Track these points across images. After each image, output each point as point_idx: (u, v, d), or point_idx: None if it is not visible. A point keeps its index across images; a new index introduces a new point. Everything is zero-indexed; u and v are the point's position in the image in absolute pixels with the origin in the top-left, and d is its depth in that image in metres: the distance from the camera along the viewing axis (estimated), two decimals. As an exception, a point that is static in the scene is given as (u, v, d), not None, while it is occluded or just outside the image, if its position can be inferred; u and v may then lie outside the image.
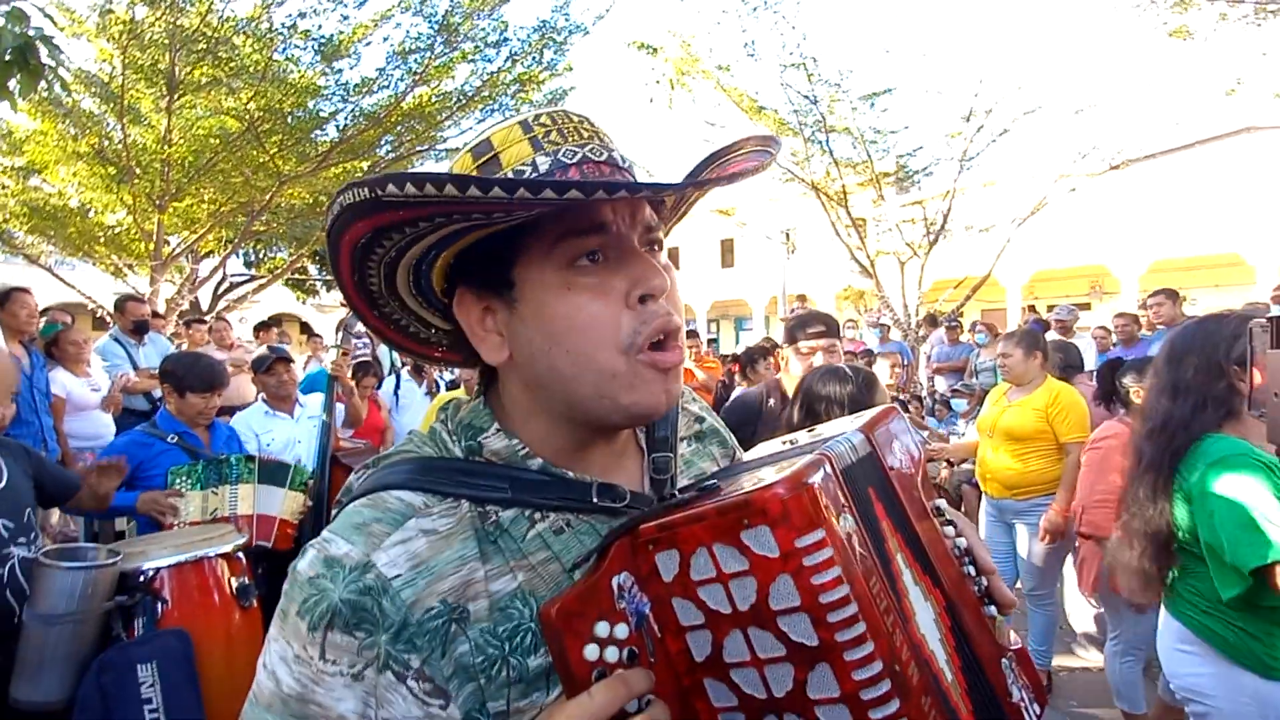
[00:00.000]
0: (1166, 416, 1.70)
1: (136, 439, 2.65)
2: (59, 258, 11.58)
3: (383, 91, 9.75)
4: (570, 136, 0.61)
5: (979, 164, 11.97)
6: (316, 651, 0.53)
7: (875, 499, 0.61)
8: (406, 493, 0.60)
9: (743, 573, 0.50)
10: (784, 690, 0.50)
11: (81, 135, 8.85)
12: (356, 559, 0.55)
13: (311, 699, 0.53)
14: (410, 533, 0.57)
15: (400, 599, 0.54)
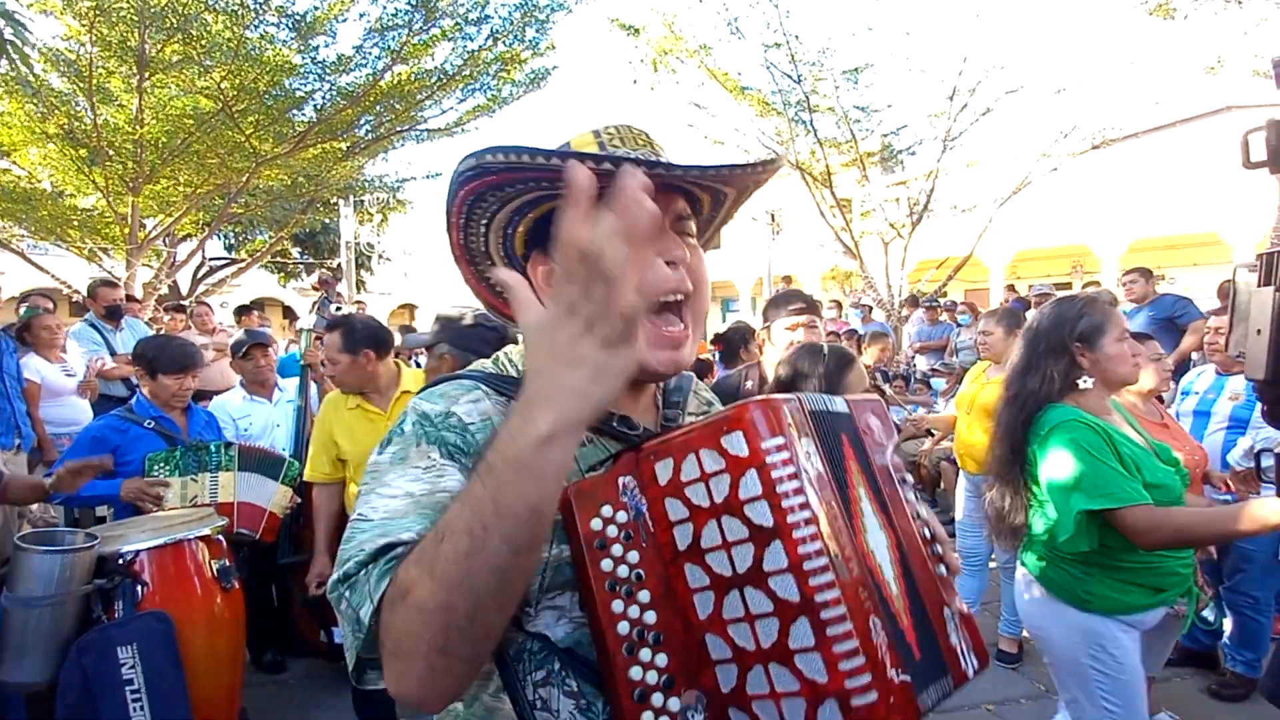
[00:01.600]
0: (1020, 388, 1.90)
1: (112, 424, 2.62)
2: (31, 242, 11.31)
3: (360, 70, 9.54)
4: (629, 144, 0.77)
5: (962, 144, 12.01)
6: (438, 456, 0.70)
7: (846, 444, 0.73)
8: (478, 383, 0.78)
9: (720, 471, 0.62)
10: (745, 566, 0.61)
11: (50, 115, 8.60)
12: (441, 409, 0.74)
13: (439, 489, 0.68)
14: (478, 396, 0.76)
15: (476, 439, 0.72)
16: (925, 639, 0.68)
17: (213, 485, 2.56)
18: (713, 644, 0.62)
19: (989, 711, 2.97)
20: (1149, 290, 5.43)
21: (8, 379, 3.77)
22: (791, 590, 0.58)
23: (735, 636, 0.61)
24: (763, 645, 0.59)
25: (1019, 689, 3.15)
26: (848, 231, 12.25)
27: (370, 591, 0.61)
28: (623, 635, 0.65)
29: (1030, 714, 2.97)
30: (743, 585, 0.61)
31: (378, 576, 0.61)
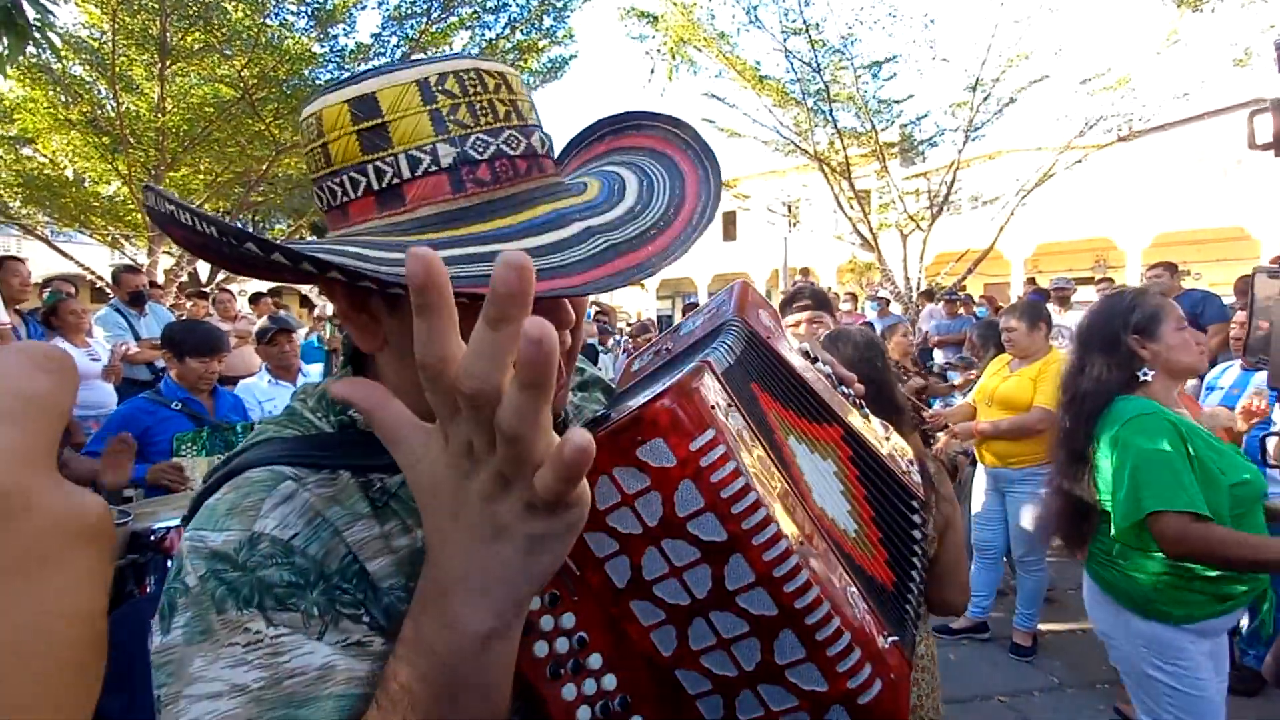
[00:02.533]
0: (1077, 387, 1.83)
1: (140, 406, 2.68)
2: (55, 229, 11.51)
3: (379, 59, 9.57)
4: (482, 116, 0.51)
5: (984, 135, 11.83)
6: (264, 624, 0.46)
7: (758, 390, 0.64)
8: (276, 467, 0.52)
9: (645, 489, 0.50)
10: (705, 590, 0.51)
11: (73, 103, 8.73)
12: (237, 540, 0.48)
13: (283, 673, 0.45)
14: (287, 491, 0.51)
15: (308, 554, 0.49)
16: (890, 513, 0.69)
17: (238, 466, 2.62)
18: (687, 680, 0.54)
19: (1002, 703, 2.97)
20: (1174, 285, 5.35)
21: (37, 362, 3.86)
22: (766, 604, 0.51)
23: (712, 666, 0.54)
24: (746, 668, 0.53)
25: (1033, 681, 3.15)
26: (866, 223, 12.13)
27: None
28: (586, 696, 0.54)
29: (1043, 706, 2.96)
30: (706, 611, 0.52)
31: None
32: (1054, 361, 3.26)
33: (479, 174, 0.51)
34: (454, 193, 0.50)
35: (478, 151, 0.50)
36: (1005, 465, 3.33)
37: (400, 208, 0.50)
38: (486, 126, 0.51)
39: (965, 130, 11.40)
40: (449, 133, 0.50)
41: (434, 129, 0.50)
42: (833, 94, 11.05)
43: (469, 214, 0.50)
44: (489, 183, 0.51)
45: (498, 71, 0.53)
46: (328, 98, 0.51)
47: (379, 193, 0.50)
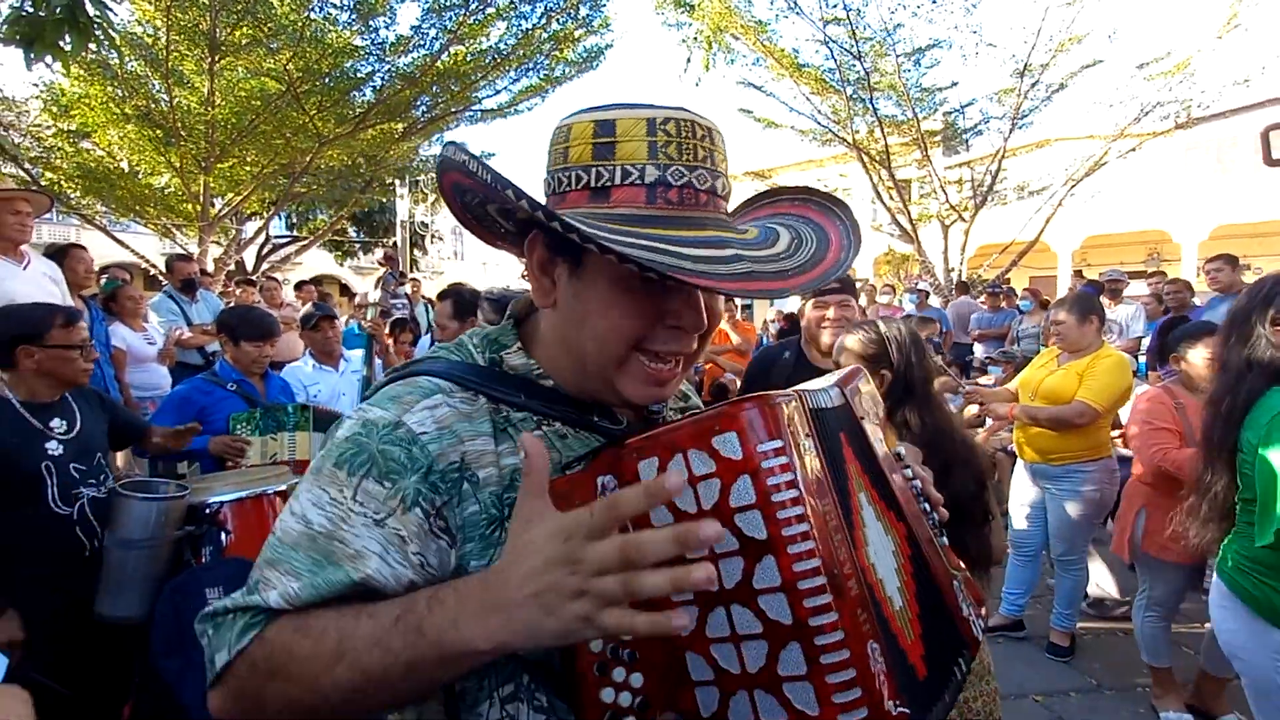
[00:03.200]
0: (1218, 385, 1.74)
1: (198, 386, 2.81)
2: (112, 219, 12.04)
3: (418, 51, 9.73)
4: (685, 154, 0.65)
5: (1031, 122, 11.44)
6: (350, 494, 0.61)
7: (845, 442, 0.67)
8: (436, 379, 0.69)
9: (710, 474, 0.55)
10: (734, 582, 0.55)
11: (128, 97, 9.09)
12: (390, 419, 0.64)
13: (337, 535, 0.60)
14: (436, 402, 0.67)
15: (428, 450, 0.63)
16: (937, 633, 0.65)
17: (291, 444, 2.72)
18: (694, 664, 0.57)
19: (1037, 702, 2.92)
20: (1235, 279, 5.09)
21: (97, 346, 4.05)
22: (783, 611, 0.53)
23: (719, 657, 0.56)
24: (749, 669, 0.54)
25: (1069, 682, 3.08)
26: (905, 214, 11.87)
27: (230, 642, 0.58)
28: (594, 653, 0.59)
29: (1079, 707, 2.90)
30: (729, 602, 0.55)
31: (240, 630, 0.58)
32: (1104, 357, 3.16)
33: (669, 195, 0.65)
34: (646, 203, 0.65)
35: (673, 179, 0.65)
36: (1046, 461, 3.25)
37: (605, 203, 0.65)
38: (685, 163, 0.65)
39: (1012, 118, 11.04)
40: (657, 160, 0.64)
41: (648, 154, 0.64)
42: (873, 82, 10.81)
43: (654, 220, 0.64)
44: (675, 203, 0.65)
45: (708, 126, 0.67)
46: (581, 116, 0.67)
47: (593, 190, 0.65)
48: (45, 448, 1.97)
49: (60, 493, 1.97)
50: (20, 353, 1.98)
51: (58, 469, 1.97)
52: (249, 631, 0.58)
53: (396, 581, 0.60)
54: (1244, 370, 1.68)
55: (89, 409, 2.16)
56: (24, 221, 3.30)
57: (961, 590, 0.72)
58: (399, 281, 3.90)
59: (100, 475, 2.10)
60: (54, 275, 3.62)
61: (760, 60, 11.34)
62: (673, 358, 0.69)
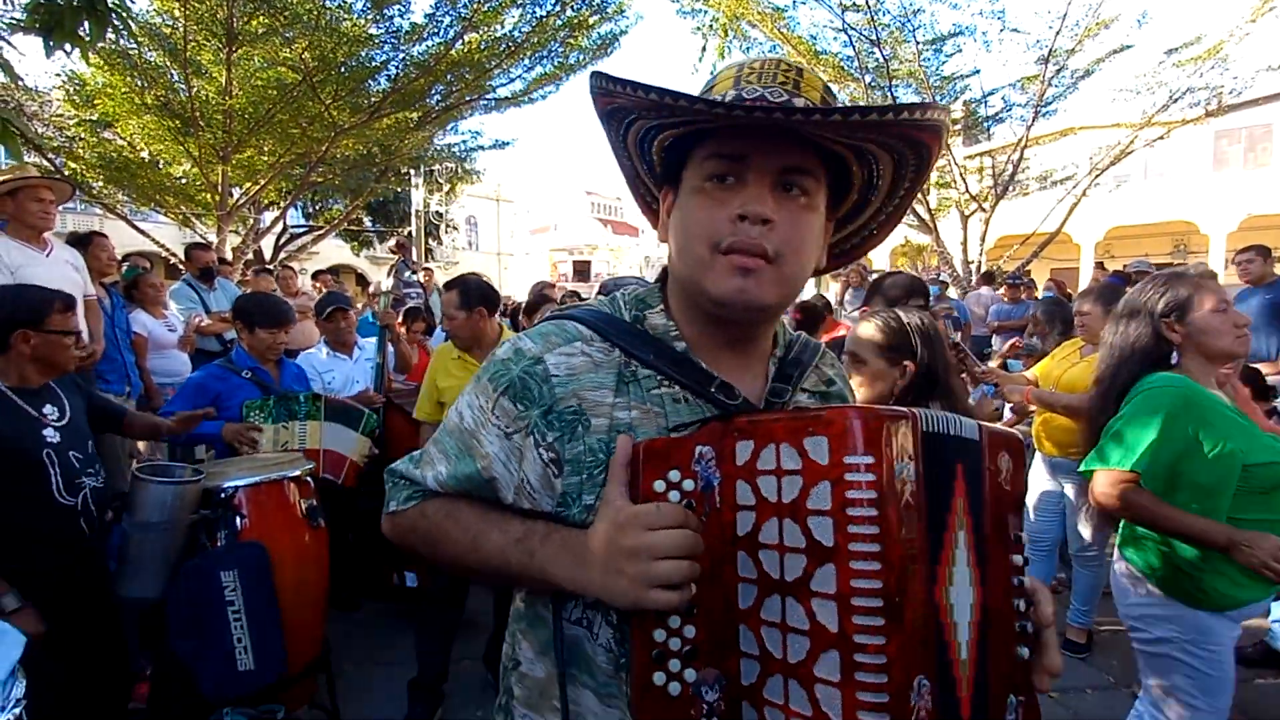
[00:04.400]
0: (1104, 370, 1.86)
1: (214, 372, 2.84)
2: (133, 208, 12.20)
3: (432, 39, 9.70)
4: (766, 79, 0.72)
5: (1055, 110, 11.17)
6: (490, 406, 0.77)
7: (960, 477, 0.63)
8: (582, 326, 0.79)
9: (795, 471, 0.58)
10: (794, 576, 0.57)
11: (148, 87, 9.18)
12: (535, 353, 0.77)
13: (475, 435, 0.78)
14: (574, 349, 0.77)
15: (554, 391, 0.74)
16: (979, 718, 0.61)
17: (302, 432, 2.75)
18: (744, 636, 0.61)
19: (1053, 698, 2.88)
20: (1267, 270, 4.94)
21: (119, 332, 4.12)
22: (832, 618, 0.54)
23: (766, 639, 0.59)
24: (789, 660, 0.57)
25: (1086, 678, 3.04)
26: (924, 203, 11.68)
27: (397, 499, 0.84)
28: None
29: (1096, 704, 2.86)
30: (785, 594, 0.58)
31: (404, 498, 0.83)
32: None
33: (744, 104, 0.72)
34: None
35: (748, 94, 0.72)
36: (1065, 455, 3.19)
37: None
38: (765, 84, 0.72)
39: (1035, 105, 10.79)
40: (739, 87, 0.73)
41: (732, 86, 0.73)
42: (892, 70, 10.62)
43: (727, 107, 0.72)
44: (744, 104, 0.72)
45: (794, 64, 0.75)
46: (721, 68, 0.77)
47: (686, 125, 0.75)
48: (44, 435, 1.94)
49: (64, 482, 1.93)
50: (17, 337, 1.93)
51: (59, 457, 1.93)
52: (410, 501, 0.83)
53: (508, 483, 0.76)
54: (1128, 356, 1.81)
55: (72, 395, 2.12)
56: (46, 209, 3.34)
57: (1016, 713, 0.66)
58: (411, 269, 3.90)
59: (95, 464, 2.07)
60: (76, 263, 3.67)
61: (777, 48, 11.17)
62: (749, 250, 0.71)
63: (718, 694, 0.61)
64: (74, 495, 1.96)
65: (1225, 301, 1.75)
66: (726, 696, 0.61)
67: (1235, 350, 1.76)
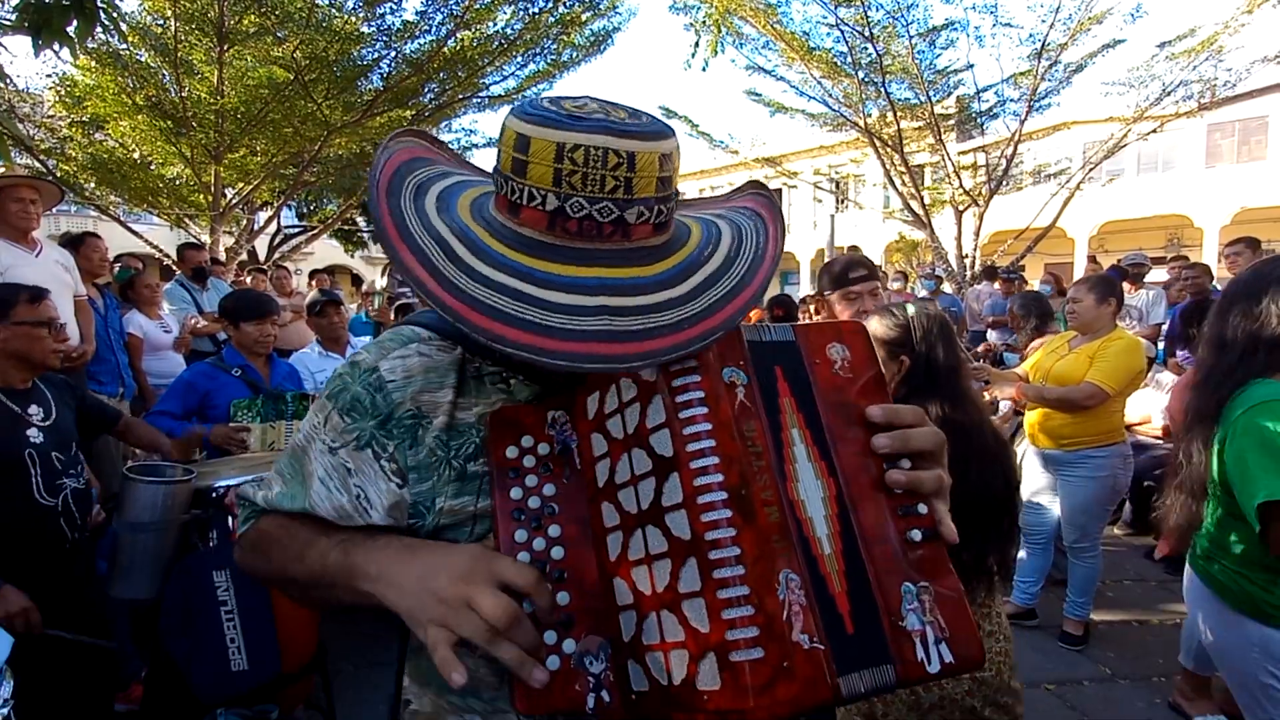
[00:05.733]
0: (1210, 368, 1.65)
1: (203, 370, 2.82)
2: (126, 210, 12.14)
3: (424, 37, 9.68)
4: (590, 185, 0.63)
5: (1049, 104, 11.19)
6: (323, 422, 0.74)
7: (782, 378, 0.63)
8: (420, 328, 0.76)
9: (633, 399, 0.59)
10: (648, 502, 0.56)
11: (139, 88, 9.13)
12: (370, 363, 0.73)
13: (307, 452, 0.75)
14: (409, 351, 0.74)
15: (391, 398, 0.71)
16: (863, 613, 0.56)
17: (289, 432, 2.73)
18: (619, 588, 0.59)
19: (1049, 691, 2.89)
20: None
21: (112, 333, 4.10)
22: (684, 526, 0.53)
23: (636, 580, 0.57)
24: (657, 589, 0.55)
25: (1082, 671, 3.05)
26: (918, 199, 11.70)
27: (242, 519, 0.82)
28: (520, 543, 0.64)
29: (1093, 696, 2.87)
30: (645, 523, 0.57)
31: (244, 519, 0.81)
32: (1116, 340, 3.10)
33: (568, 226, 0.65)
34: (548, 229, 0.66)
35: (572, 210, 0.65)
36: (1058, 447, 3.20)
37: (515, 219, 0.68)
38: (588, 194, 0.64)
39: (1028, 100, 10.80)
40: (560, 189, 0.64)
41: (552, 181, 0.64)
42: (885, 65, 10.61)
43: (549, 251, 0.65)
44: (574, 234, 0.66)
45: (628, 152, 0.64)
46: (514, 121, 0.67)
47: (509, 201, 0.68)
48: (26, 435, 1.92)
49: (44, 483, 1.92)
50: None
51: (40, 458, 1.91)
52: (248, 522, 0.80)
53: (330, 504, 0.71)
54: (1250, 348, 1.57)
55: (60, 397, 2.10)
56: (26, 209, 3.32)
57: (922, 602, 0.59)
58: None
59: (78, 465, 2.06)
60: (66, 263, 3.65)
61: (770, 44, 11.16)
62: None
63: (604, 664, 0.59)
64: (54, 496, 1.94)
65: None
66: (614, 665, 0.59)
67: None
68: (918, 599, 0.59)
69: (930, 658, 0.57)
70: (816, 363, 0.65)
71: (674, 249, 0.69)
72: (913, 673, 0.56)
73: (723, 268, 0.68)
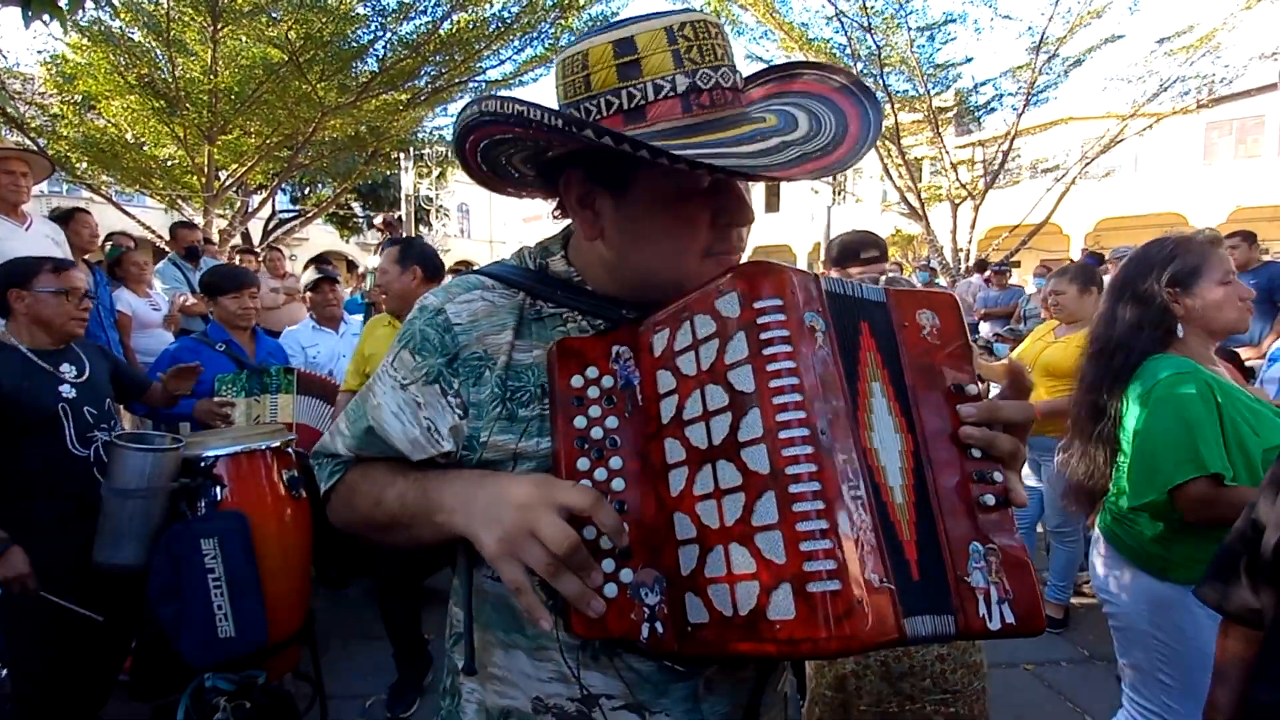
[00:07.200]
0: (1106, 340, 1.73)
1: (188, 345, 2.83)
2: (119, 190, 12.04)
3: (420, 18, 9.59)
4: (707, 55, 0.65)
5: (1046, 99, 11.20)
6: (391, 360, 0.77)
7: (866, 333, 0.63)
8: (485, 276, 0.79)
9: (711, 335, 0.58)
10: (721, 437, 0.56)
11: (131, 66, 9.03)
12: (436, 305, 0.76)
13: (373, 389, 0.78)
14: (474, 296, 0.76)
15: (458, 339, 0.74)
16: (931, 564, 0.58)
17: (273, 406, 2.74)
18: (679, 523, 0.59)
19: (1027, 671, 2.94)
20: (1252, 256, 5.00)
21: (102, 310, 4.08)
22: (762, 461, 0.53)
23: (701, 514, 0.57)
24: (726, 523, 0.55)
25: (1061, 652, 3.10)
26: (915, 193, 11.70)
27: (323, 478, 0.82)
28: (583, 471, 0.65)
29: (1070, 676, 2.92)
30: (716, 458, 0.57)
31: (328, 474, 0.82)
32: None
33: (702, 100, 0.65)
34: (683, 113, 0.65)
35: (703, 83, 0.65)
36: (1042, 432, 3.23)
37: (642, 123, 0.65)
38: (710, 64, 0.65)
39: (1026, 94, 10.80)
40: (684, 67, 0.64)
41: (674, 64, 0.64)
42: (884, 57, 10.59)
43: (695, 129, 0.64)
44: (709, 106, 0.65)
45: (716, 24, 0.68)
46: (594, 39, 0.67)
47: (627, 111, 0.65)
48: (59, 390, 2.04)
49: (77, 435, 2.04)
50: (11, 295, 2.03)
51: (73, 411, 2.04)
52: (335, 475, 0.81)
53: (404, 436, 0.74)
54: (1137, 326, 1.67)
55: (95, 358, 2.23)
56: (17, 181, 3.30)
57: (988, 562, 0.61)
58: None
59: (110, 420, 2.18)
60: (56, 237, 3.62)
61: (769, 33, 11.12)
62: (733, 252, 0.72)
63: (659, 596, 0.60)
64: (86, 447, 2.06)
65: (1230, 271, 1.64)
66: (668, 598, 0.60)
67: (1240, 325, 1.66)
68: (985, 559, 0.61)
69: (991, 615, 0.59)
70: (905, 325, 0.67)
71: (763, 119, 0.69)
72: (974, 625, 0.58)
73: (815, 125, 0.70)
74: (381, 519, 0.74)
